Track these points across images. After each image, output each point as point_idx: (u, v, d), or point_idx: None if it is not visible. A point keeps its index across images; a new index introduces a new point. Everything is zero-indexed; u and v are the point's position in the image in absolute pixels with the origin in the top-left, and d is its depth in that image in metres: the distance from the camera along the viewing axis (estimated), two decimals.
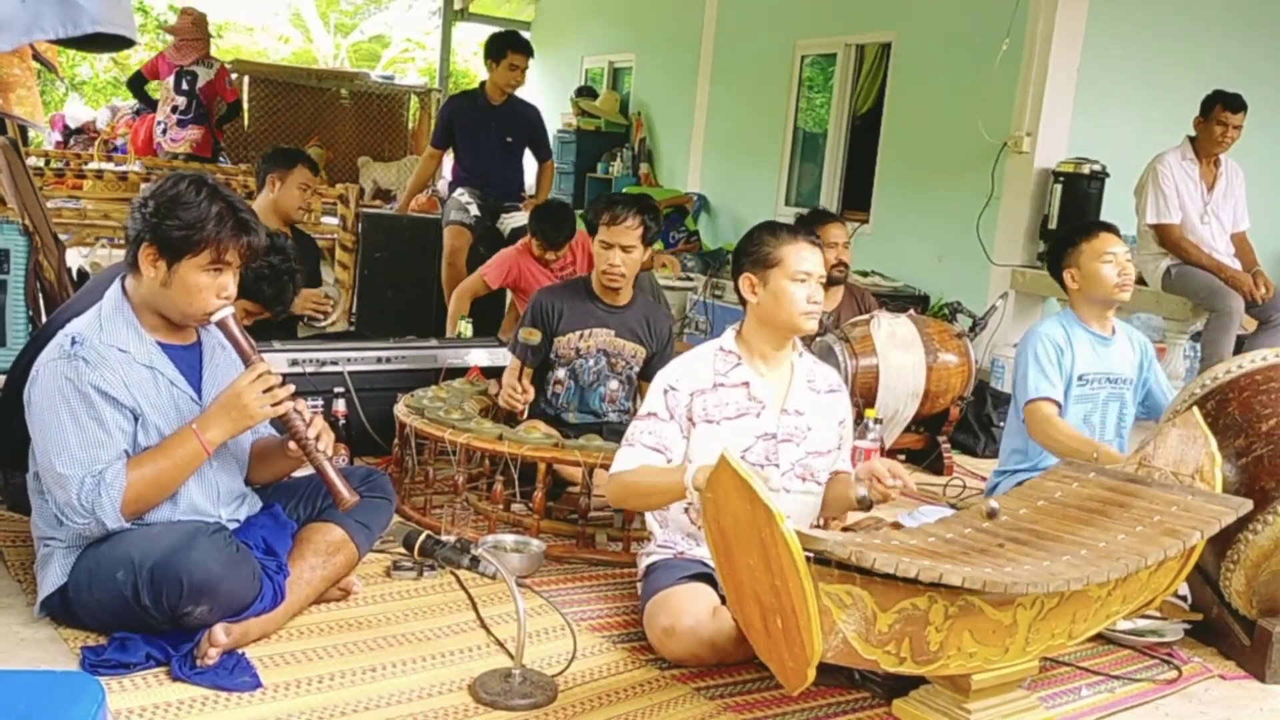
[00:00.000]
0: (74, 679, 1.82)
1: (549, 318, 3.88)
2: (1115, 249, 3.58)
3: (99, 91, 17.02)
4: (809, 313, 2.80)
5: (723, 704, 2.47)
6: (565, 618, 2.80)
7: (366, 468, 3.01)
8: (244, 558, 2.43)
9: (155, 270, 2.44)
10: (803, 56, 8.74)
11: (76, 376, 2.37)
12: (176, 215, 2.40)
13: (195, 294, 2.45)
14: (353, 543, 2.72)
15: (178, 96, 8.16)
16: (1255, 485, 2.81)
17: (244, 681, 2.33)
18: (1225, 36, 6.97)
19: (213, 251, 2.43)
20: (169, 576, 2.29)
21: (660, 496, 2.76)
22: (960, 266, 6.90)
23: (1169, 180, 5.35)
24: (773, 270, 2.80)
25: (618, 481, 2.82)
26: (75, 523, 2.37)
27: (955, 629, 2.22)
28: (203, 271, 2.44)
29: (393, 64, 18.32)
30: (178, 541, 2.33)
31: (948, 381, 4.62)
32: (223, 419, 2.45)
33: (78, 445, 2.36)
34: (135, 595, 2.32)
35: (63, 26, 2.37)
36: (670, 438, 2.80)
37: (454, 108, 6.40)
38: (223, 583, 2.33)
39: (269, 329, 4.19)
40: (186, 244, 2.41)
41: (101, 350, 2.41)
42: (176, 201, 2.42)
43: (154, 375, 2.48)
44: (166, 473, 2.42)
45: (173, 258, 2.42)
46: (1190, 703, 2.69)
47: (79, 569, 2.45)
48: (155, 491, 2.42)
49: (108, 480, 2.35)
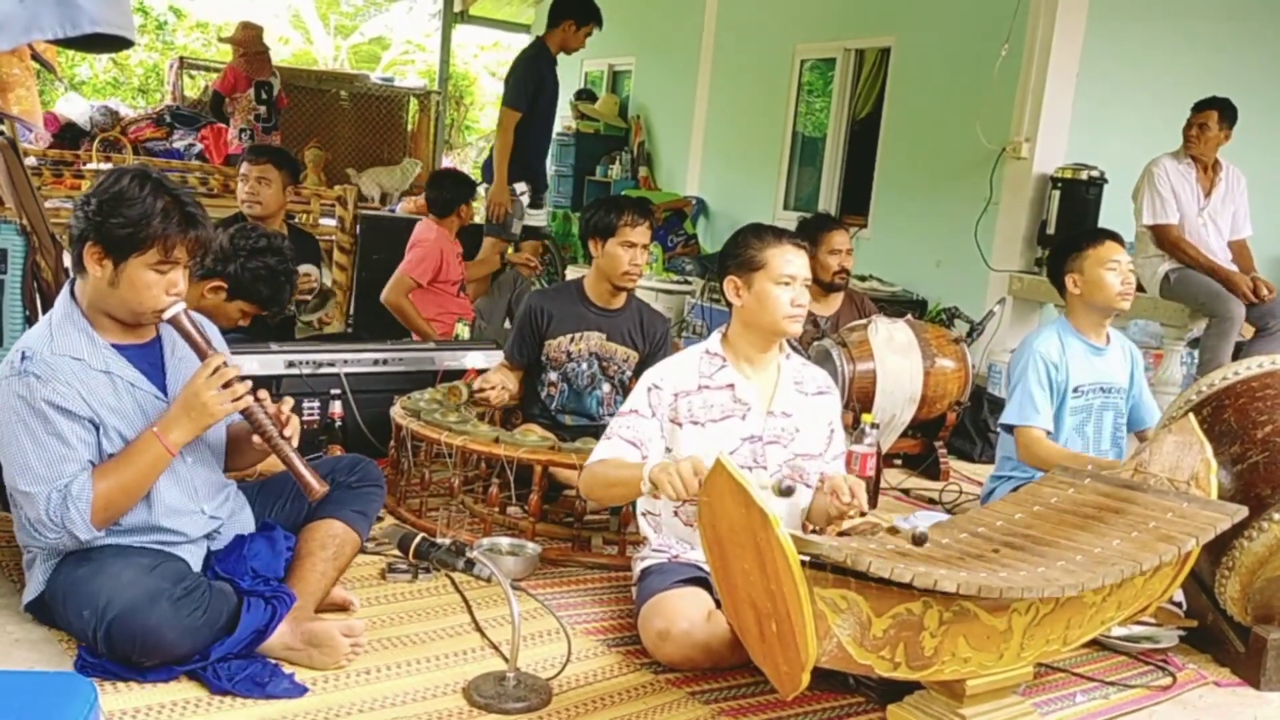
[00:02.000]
0: (66, 679, 1.82)
1: (539, 321, 3.89)
2: (1120, 257, 3.59)
3: (98, 92, 17.02)
4: (792, 316, 2.80)
5: (717, 708, 2.47)
6: (560, 621, 2.80)
7: (354, 456, 2.96)
8: (208, 620, 2.33)
9: (101, 269, 2.37)
10: (802, 61, 8.75)
11: (29, 393, 2.31)
12: (120, 212, 2.33)
13: (144, 291, 2.38)
14: (353, 530, 2.72)
15: (260, 106, 8.67)
16: (1250, 492, 2.81)
17: (286, 689, 2.33)
18: (1223, 43, 6.97)
19: (160, 248, 2.36)
20: (125, 633, 2.25)
21: (621, 488, 2.77)
22: (958, 272, 6.90)
23: (1165, 182, 5.38)
24: (757, 273, 2.80)
25: (586, 471, 2.84)
26: (47, 538, 2.34)
27: (950, 634, 2.22)
28: (150, 269, 2.37)
29: (393, 66, 18.31)
30: (139, 599, 2.25)
31: (945, 386, 4.62)
32: (183, 419, 2.40)
33: (39, 463, 2.31)
34: (94, 638, 2.29)
35: (61, 26, 2.37)
36: (648, 434, 2.80)
37: (544, 62, 5.84)
38: (176, 647, 2.29)
39: (265, 330, 4.20)
40: (132, 242, 2.34)
41: (52, 362, 2.35)
42: (120, 198, 2.35)
43: (111, 380, 2.42)
44: (132, 479, 2.37)
45: (119, 256, 2.35)
46: (1185, 709, 2.68)
47: (55, 583, 2.43)
48: (123, 498, 2.38)
49: (74, 494, 2.31)
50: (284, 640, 2.42)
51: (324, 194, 7.39)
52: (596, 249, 3.87)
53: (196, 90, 10.52)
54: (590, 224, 3.90)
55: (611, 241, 3.83)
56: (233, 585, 2.46)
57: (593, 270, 3.94)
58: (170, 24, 17.54)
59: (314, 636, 2.44)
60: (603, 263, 3.87)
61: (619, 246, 3.82)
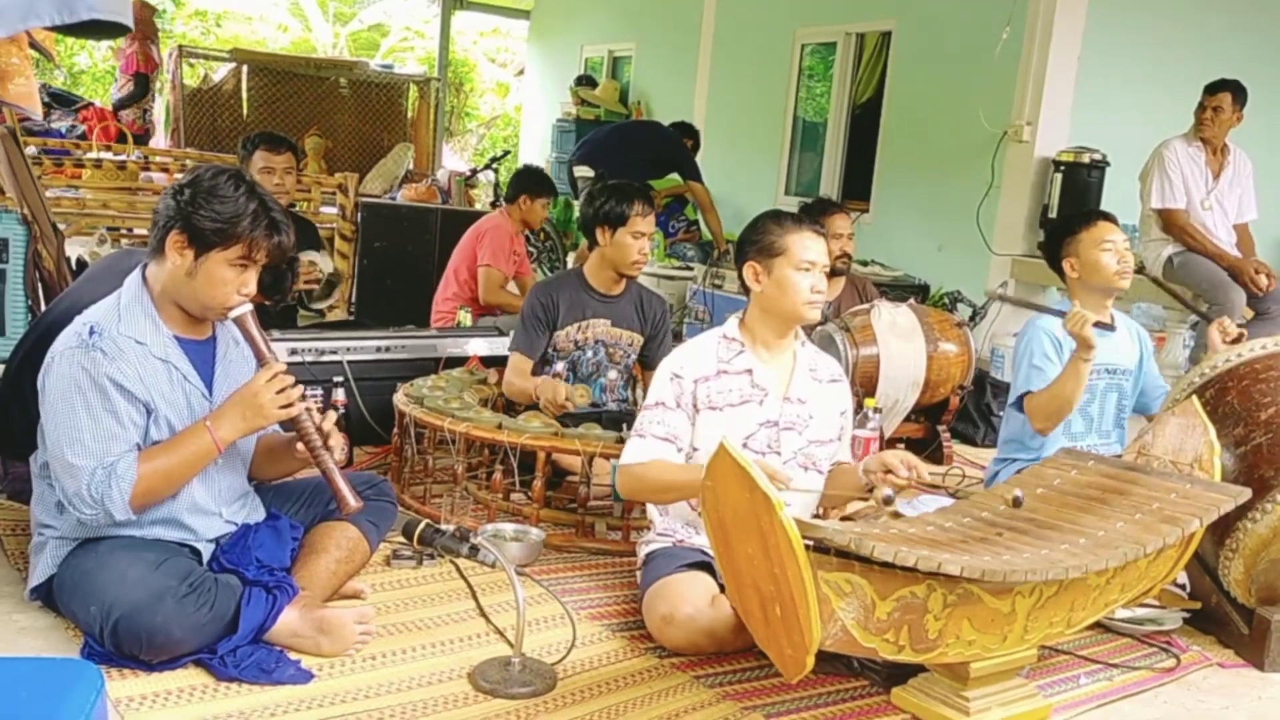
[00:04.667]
0: (73, 666, 1.82)
1: (550, 312, 3.87)
2: (1114, 237, 3.57)
3: (97, 80, 16.98)
4: (812, 302, 2.80)
5: (721, 692, 2.47)
6: (564, 606, 2.80)
7: (369, 474, 3.02)
8: (215, 615, 2.33)
9: (182, 258, 2.41)
10: (803, 45, 8.72)
11: (93, 367, 2.35)
12: (213, 207, 2.39)
13: (219, 287, 2.43)
14: (366, 539, 2.74)
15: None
16: (1254, 474, 2.81)
17: (292, 675, 2.34)
18: (1227, 23, 6.95)
19: (244, 247, 2.42)
20: (131, 631, 2.26)
21: (678, 493, 2.77)
22: (960, 256, 6.89)
23: (1175, 165, 5.36)
24: (777, 259, 2.80)
25: (629, 475, 2.82)
26: (83, 513, 2.36)
27: (954, 617, 2.23)
28: (229, 266, 2.42)
29: (392, 53, 18.25)
30: (146, 599, 2.26)
31: (948, 371, 4.62)
32: (236, 417, 2.44)
33: (91, 437, 2.34)
34: (100, 634, 2.31)
35: (58, 13, 2.36)
36: (679, 426, 2.80)
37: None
38: (183, 644, 2.31)
39: (268, 318, 4.20)
40: (219, 236, 2.40)
41: (119, 341, 2.39)
42: (214, 193, 2.40)
43: (168, 369, 2.46)
44: (177, 468, 2.41)
45: (202, 248, 2.40)
46: (1189, 691, 2.69)
47: (66, 571, 2.44)
48: (165, 486, 2.41)
49: (119, 472, 2.34)
50: (291, 627, 2.43)
51: (325, 181, 7.39)
52: (605, 237, 3.83)
53: (196, 79, 10.51)
54: (600, 212, 3.82)
55: (622, 230, 3.81)
56: (238, 576, 2.47)
57: (596, 258, 3.92)
58: (169, 12, 17.47)
59: (324, 623, 2.45)
60: (610, 251, 3.85)
61: (629, 235, 3.81)
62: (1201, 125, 5.38)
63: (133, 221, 6.87)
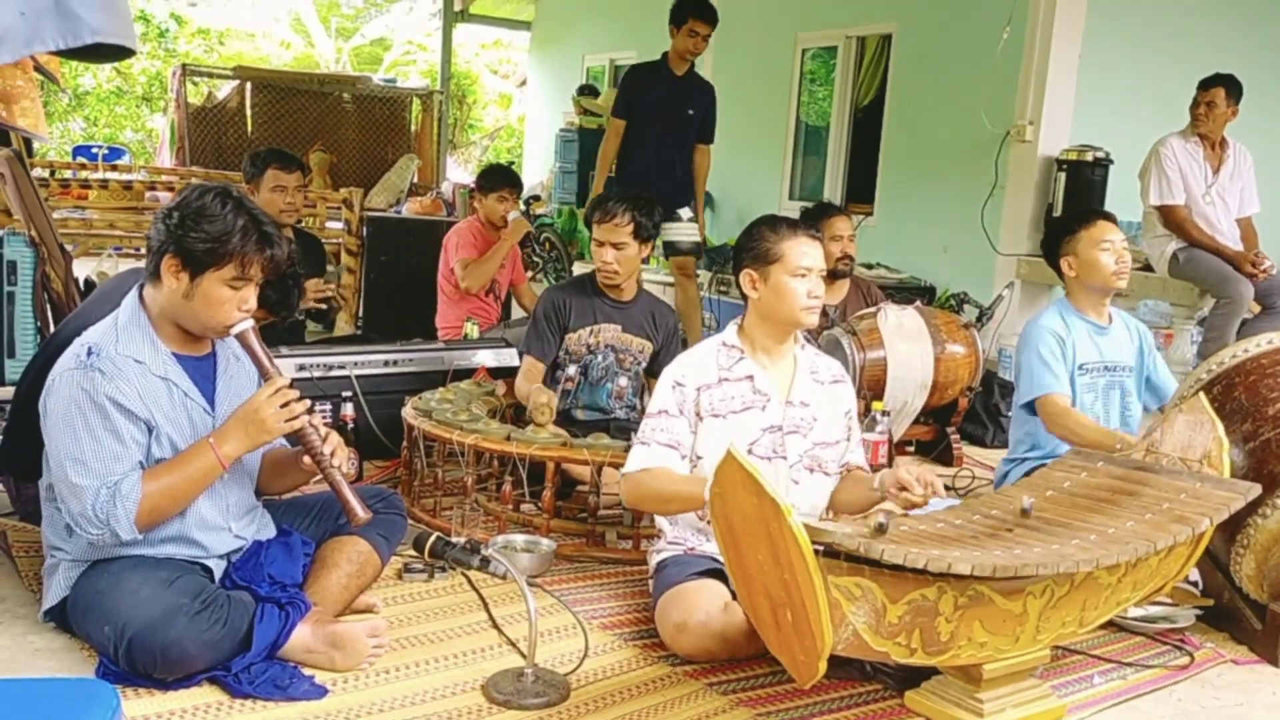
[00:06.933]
0: (88, 686, 1.83)
1: (561, 315, 3.89)
2: (1112, 237, 3.57)
3: (102, 102, 17.06)
4: (809, 308, 2.81)
5: (735, 699, 2.47)
6: (576, 616, 2.81)
7: (379, 487, 3.02)
8: (228, 632, 2.34)
9: (177, 281, 2.42)
10: (804, 49, 8.74)
11: (92, 388, 2.36)
12: (202, 228, 2.39)
13: (217, 306, 2.44)
14: (377, 553, 2.74)
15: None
16: (1263, 469, 2.80)
17: (306, 691, 2.34)
18: (1227, 21, 6.95)
19: (237, 265, 2.42)
20: (146, 650, 2.26)
21: (680, 504, 2.78)
22: (966, 257, 6.89)
23: (1172, 162, 5.36)
24: (773, 266, 2.81)
25: (632, 482, 2.82)
26: (89, 533, 2.36)
27: (965, 619, 2.22)
28: (225, 285, 2.42)
29: (394, 67, 18.34)
30: (159, 617, 2.27)
31: (955, 372, 4.62)
32: (239, 434, 2.44)
33: (93, 457, 2.35)
34: (115, 654, 2.31)
35: (63, 38, 2.38)
36: (682, 433, 2.81)
37: (635, 77, 6.03)
38: (197, 660, 2.31)
39: (275, 334, 4.21)
40: (211, 257, 2.39)
41: (117, 361, 2.40)
42: (202, 214, 2.40)
43: (168, 387, 2.47)
44: (182, 486, 2.42)
45: (196, 270, 2.41)
46: (1203, 688, 2.68)
47: (79, 592, 2.44)
48: (170, 504, 2.42)
49: (123, 492, 2.34)
50: (304, 643, 2.43)
51: (330, 197, 7.42)
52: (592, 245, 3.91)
53: (200, 97, 10.56)
54: (586, 220, 3.93)
55: (593, 239, 3.86)
56: (250, 592, 2.47)
57: None
58: (172, 31, 17.56)
59: (337, 638, 2.45)
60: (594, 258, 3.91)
61: (595, 244, 3.85)
62: (1197, 120, 5.39)
63: (140, 241, 6.91)
